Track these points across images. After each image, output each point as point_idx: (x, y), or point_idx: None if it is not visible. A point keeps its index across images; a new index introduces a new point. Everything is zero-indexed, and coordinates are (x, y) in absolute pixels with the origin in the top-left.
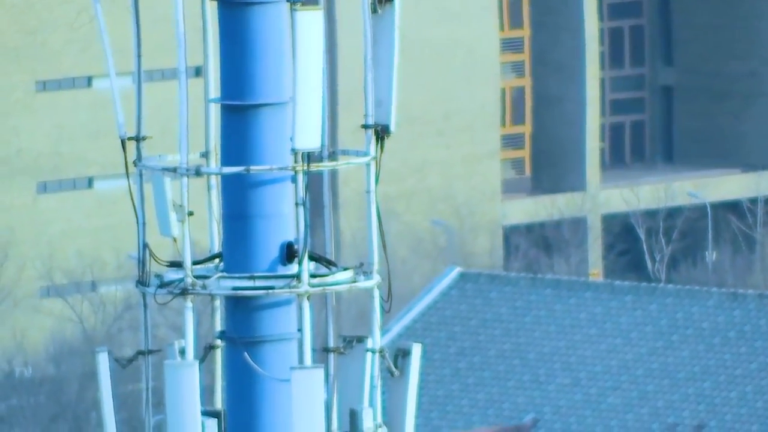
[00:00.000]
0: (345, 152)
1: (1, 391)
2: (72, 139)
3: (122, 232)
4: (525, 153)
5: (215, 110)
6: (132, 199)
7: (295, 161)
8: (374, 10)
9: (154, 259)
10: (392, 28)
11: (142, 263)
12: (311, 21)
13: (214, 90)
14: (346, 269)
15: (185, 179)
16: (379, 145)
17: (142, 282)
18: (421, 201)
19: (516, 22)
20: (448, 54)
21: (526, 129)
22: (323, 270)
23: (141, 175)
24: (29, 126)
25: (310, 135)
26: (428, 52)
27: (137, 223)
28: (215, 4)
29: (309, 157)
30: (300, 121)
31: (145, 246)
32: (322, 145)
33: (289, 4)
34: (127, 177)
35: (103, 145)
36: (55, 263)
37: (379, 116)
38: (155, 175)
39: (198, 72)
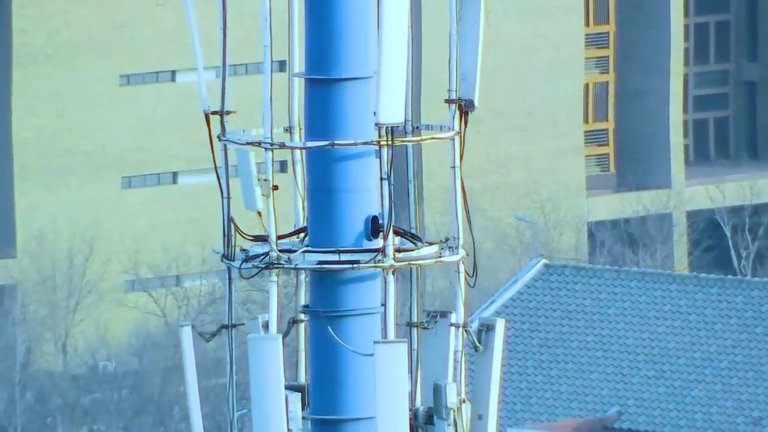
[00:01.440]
0: (429, 127)
1: (85, 385)
2: (156, 133)
3: (207, 227)
4: (609, 149)
5: (299, 84)
6: (216, 173)
7: (379, 136)
8: None
9: (239, 234)
10: (478, 3)
11: (227, 237)
12: None
13: (298, 64)
14: (431, 244)
15: (270, 153)
16: (463, 119)
17: (227, 256)
18: (506, 196)
19: (601, 17)
20: (532, 49)
21: (610, 125)
22: (408, 245)
23: (225, 150)
24: (113, 120)
25: (394, 109)
26: (513, 47)
27: (222, 197)
28: None
29: (393, 132)
30: (384, 95)
31: (230, 220)
32: (406, 120)
33: None
34: (212, 151)
35: (187, 139)
36: (139, 257)
37: (464, 91)
38: (240, 149)
39: (282, 67)
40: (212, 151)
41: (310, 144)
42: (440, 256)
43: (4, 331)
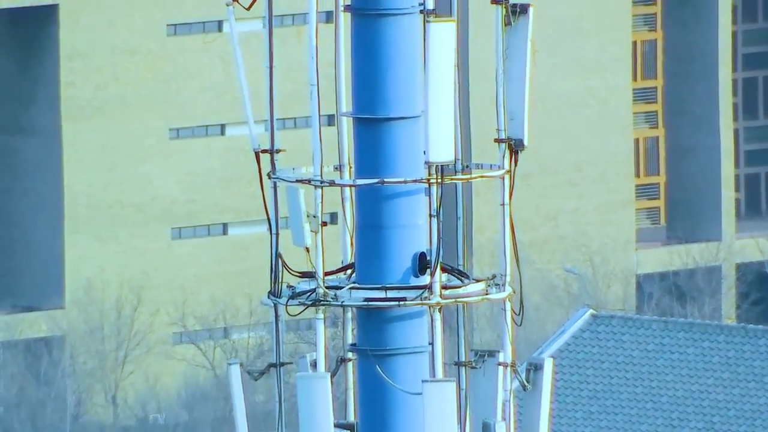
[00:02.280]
0: (479, 165)
1: None
2: (205, 186)
3: (255, 278)
4: (660, 203)
5: (348, 123)
6: (266, 210)
7: (429, 174)
8: (507, 23)
9: (287, 270)
10: (525, 41)
11: (274, 274)
12: (444, 32)
13: (346, 104)
14: (478, 281)
15: (319, 190)
16: (513, 158)
17: (273, 293)
18: (555, 249)
19: (649, 72)
20: (581, 104)
21: (661, 179)
22: (455, 282)
23: (275, 187)
24: (163, 173)
25: (443, 148)
26: (561, 101)
27: (270, 233)
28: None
29: (442, 170)
30: (433, 134)
31: (278, 256)
32: (456, 158)
33: (422, 15)
34: (261, 189)
35: (237, 191)
36: (188, 309)
37: (512, 130)
38: (290, 186)
39: (330, 121)
40: (262, 189)
41: (360, 182)
42: (487, 294)
43: (54, 383)
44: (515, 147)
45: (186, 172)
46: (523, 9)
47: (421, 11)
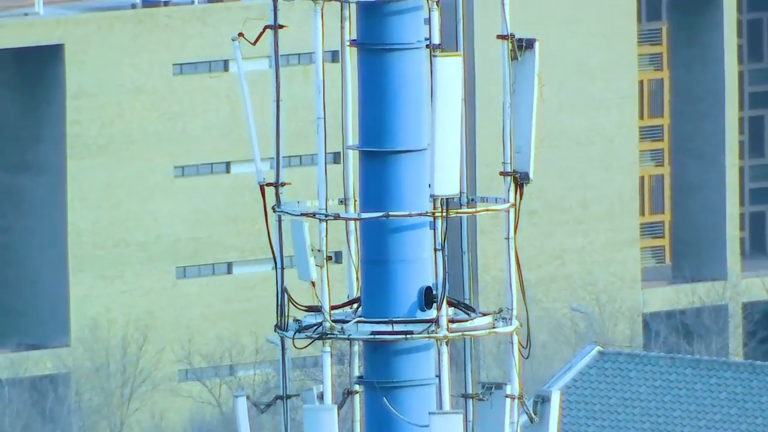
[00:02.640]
0: (484, 199)
1: None
2: (210, 224)
3: (261, 316)
4: (665, 242)
5: (354, 157)
6: (270, 243)
7: (434, 207)
8: (514, 57)
9: (293, 304)
10: (532, 75)
11: (280, 307)
12: (451, 67)
13: (352, 137)
14: (485, 314)
15: (324, 224)
16: (518, 191)
17: (280, 326)
18: (561, 287)
19: (656, 110)
20: (586, 142)
21: (666, 217)
22: (462, 315)
23: (279, 221)
24: (168, 211)
25: (448, 181)
26: (567, 139)
27: (275, 267)
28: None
29: (448, 204)
30: (438, 167)
31: (284, 290)
32: (461, 192)
33: (428, 49)
34: (266, 222)
35: (242, 230)
36: (193, 347)
37: (518, 163)
38: (294, 220)
39: (336, 159)
40: (266, 222)
41: (365, 215)
42: (494, 327)
43: (59, 420)
44: (521, 180)
45: (191, 210)
46: (529, 44)
47: (428, 46)
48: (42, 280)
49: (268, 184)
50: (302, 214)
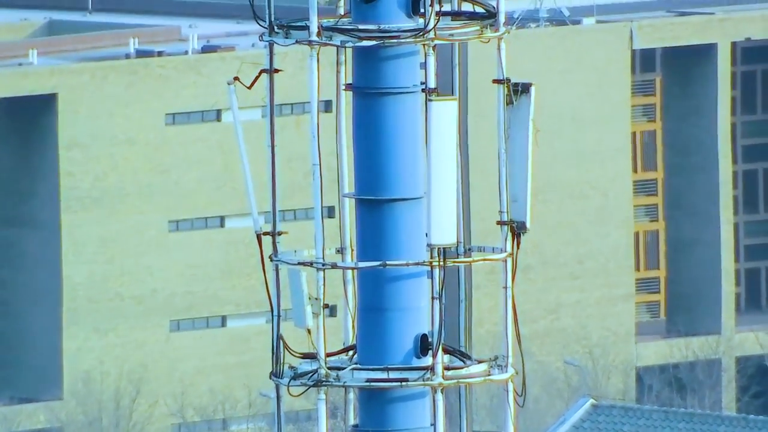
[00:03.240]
0: (481, 248)
1: None
2: (205, 278)
3: (254, 370)
4: (660, 297)
5: (350, 205)
6: (268, 292)
7: (431, 256)
8: (510, 102)
9: (289, 351)
10: (527, 120)
11: (276, 355)
12: (446, 111)
13: (348, 185)
14: (480, 362)
15: (321, 273)
16: (515, 241)
17: (276, 373)
18: (555, 341)
19: (649, 163)
20: (580, 196)
21: (661, 273)
22: (457, 363)
23: (277, 270)
24: (163, 265)
25: (445, 231)
26: (562, 194)
27: (272, 314)
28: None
29: (445, 253)
30: (435, 216)
31: (279, 338)
32: (458, 241)
33: (424, 94)
34: (263, 271)
35: (236, 284)
36: (186, 400)
37: (515, 212)
38: (292, 269)
39: (330, 213)
40: (263, 271)
41: (362, 264)
42: (489, 375)
43: None
44: (517, 230)
45: (185, 264)
46: (525, 88)
47: (423, 90)
48: (35, 333)
49: (265, 233)
50: (299, 263)
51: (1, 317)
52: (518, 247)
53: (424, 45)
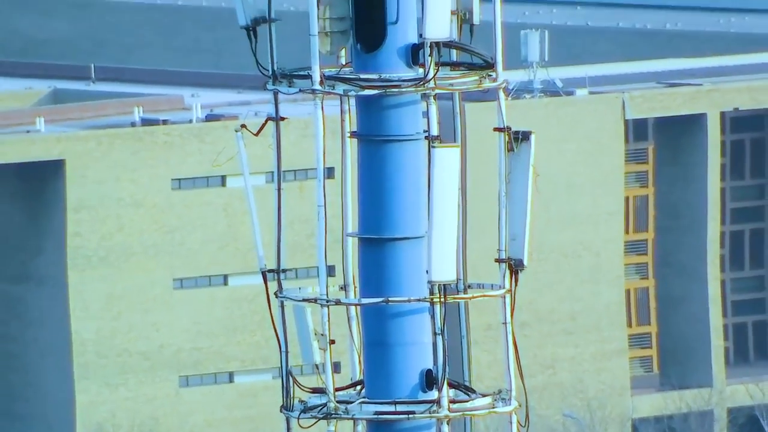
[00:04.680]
0: (480, 285)
1: None
2: (211, 335)
3: (262, 424)
4: (653, 351)
5: (353, 243)
6: (274, 328)
7: (432, 293)
8: (510, 149)
9: (298, 386)
10: (527, 166)
11: (286, 389)
12: (449, 157)
13: (352, 224)
14: (484, 396)
15: (326, 309)
16: (513, 278)
17: (286, 407)
18: (553, 395)
19: (641, 226)
20: (574, 256)
21: (653, 329)
22: (462, 396)
23: (282, 306)
24: (169, 322)
25: (446, 268)
26: (556, 254)
27: (279, 350)
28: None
29: (445, 289)
30: (436, 254)
31: (288, 373)
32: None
33: (427, 141)
34: (269, 307)
35: (242, 341)
36: None
37: (513, 250)
38: (297, 306)
39: (331, 271)
40: (269, 307)
41: (365, 301)
42: (493, 407)
43: None
44: (515, 267)
45: (191, 321)
46: (525, 136)
47: (426, 137)
48: (47, 386)
49: (270, 270)
50: (304, 300)
51: (12, 371)
52: (516, 284)
53: (424, 94)
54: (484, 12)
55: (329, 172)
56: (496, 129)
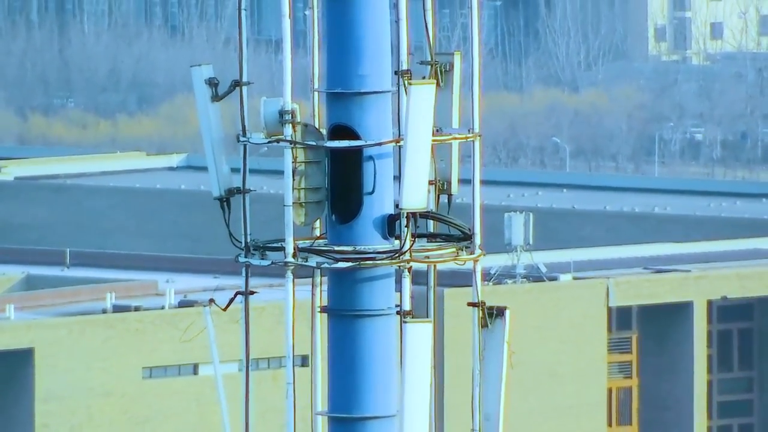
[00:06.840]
0: None
1: None
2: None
3: None
4: None
5: (322, 423)
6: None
7: None
8: (484, 325)
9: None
10: (502, 343)
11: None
12: (421, 333)
13: (321, 403)
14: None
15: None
16: None
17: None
18: None
19: (624, 419)
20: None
21: (633, 430)
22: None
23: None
24: None
25: None
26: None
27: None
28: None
29: None
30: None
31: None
32: None
33: (399, 316)
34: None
35: None
36: None
37: (487, 430)
38: None
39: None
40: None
41: None
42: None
43: None
44: None
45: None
46: (500, 312)
47: (398, 312)
48: None
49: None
50: None
51: None
52: None
53: (399, 266)
54: (463, 194)
55: (303, 360)
56: (470, 304)
